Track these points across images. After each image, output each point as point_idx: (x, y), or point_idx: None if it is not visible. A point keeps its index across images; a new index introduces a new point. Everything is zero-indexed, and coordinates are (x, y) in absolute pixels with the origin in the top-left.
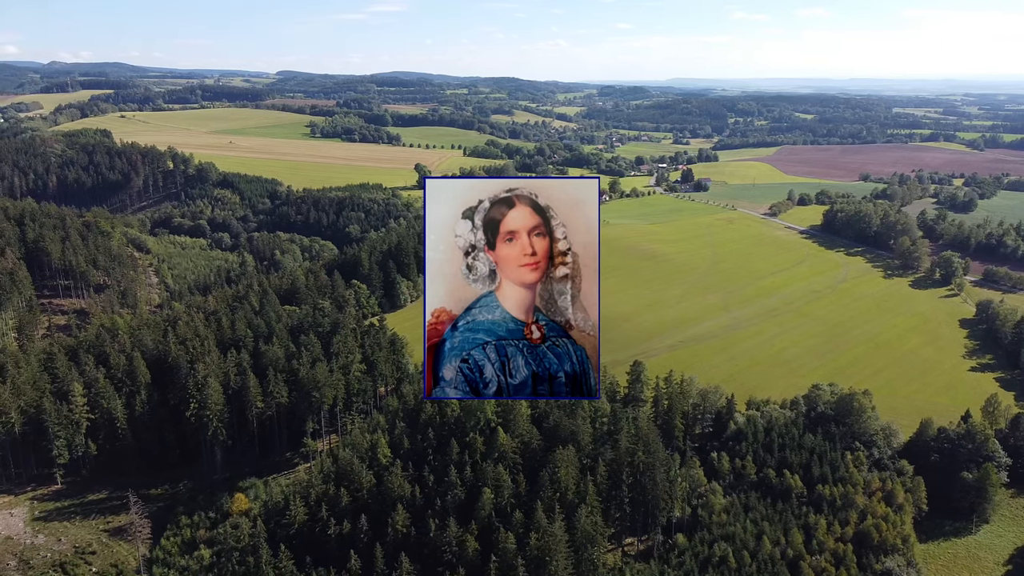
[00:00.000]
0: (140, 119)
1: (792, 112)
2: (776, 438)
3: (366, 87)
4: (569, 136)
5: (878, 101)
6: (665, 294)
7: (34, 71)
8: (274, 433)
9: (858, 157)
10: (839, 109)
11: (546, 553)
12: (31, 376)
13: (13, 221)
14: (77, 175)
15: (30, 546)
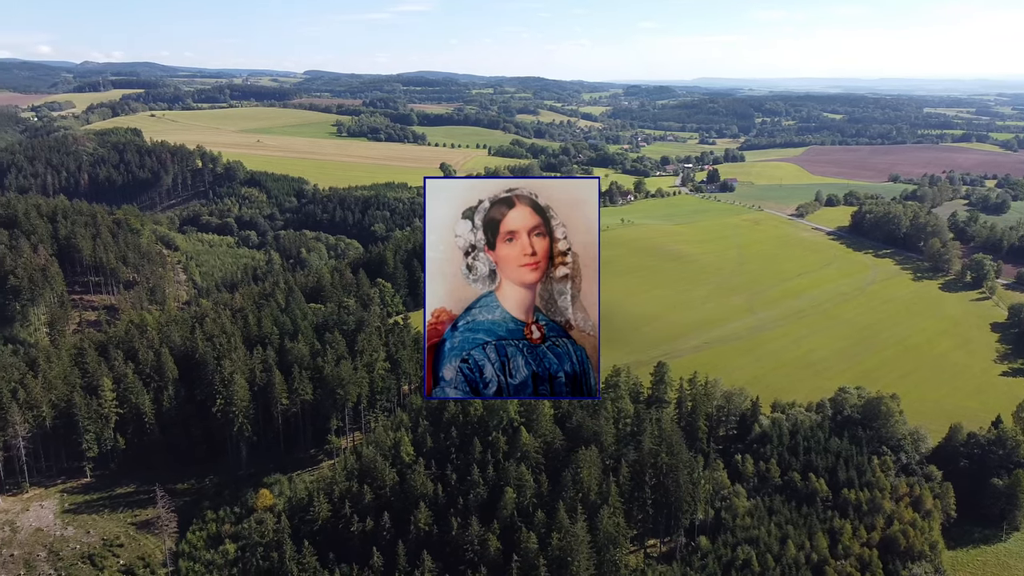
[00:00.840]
0: (170, 118)
1: (820, 112)
2: (801, 441)
3: (392, 87)
4: (594, 136)
5: (908, 101)
6: (690, 295)
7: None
8: (299, 430)
9: (888, 158)
10: (868, 109)
11: (568, 553)
12: (62, 371)
13: (46, 218)
14: (108, 173)
15: (60, 538)
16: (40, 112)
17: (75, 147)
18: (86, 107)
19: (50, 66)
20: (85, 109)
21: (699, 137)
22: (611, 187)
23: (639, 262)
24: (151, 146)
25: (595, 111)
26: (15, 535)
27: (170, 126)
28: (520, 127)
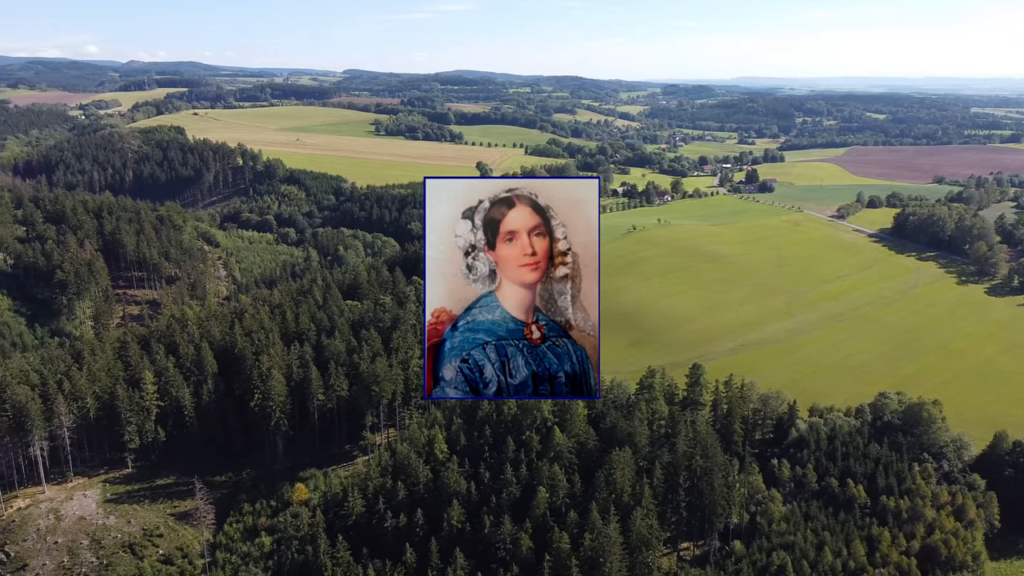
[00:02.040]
0: (212, 116)
1: (863, 112)
2: (839, 446)
3: (430, 85)
4: (631, 135)
5: (955, 100)
6: (727, 296)
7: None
8: (334, 425)
9: (932, 159)
10: (913, 109)
11: (600, 554)
12: (106, 363)
13: (92, 214)
14: (152, 170)
15: (102, 527)
16: (87, 110)
17: (120, 145)
18: (131, 105)
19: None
20: (130, 107)
21: (738, 137)
22: (648, 187)
23: (676, 263)
24: (194, 144)
25: (632, 110)
26: (59, 523)
27: (212, 124)
28: (557, 126)
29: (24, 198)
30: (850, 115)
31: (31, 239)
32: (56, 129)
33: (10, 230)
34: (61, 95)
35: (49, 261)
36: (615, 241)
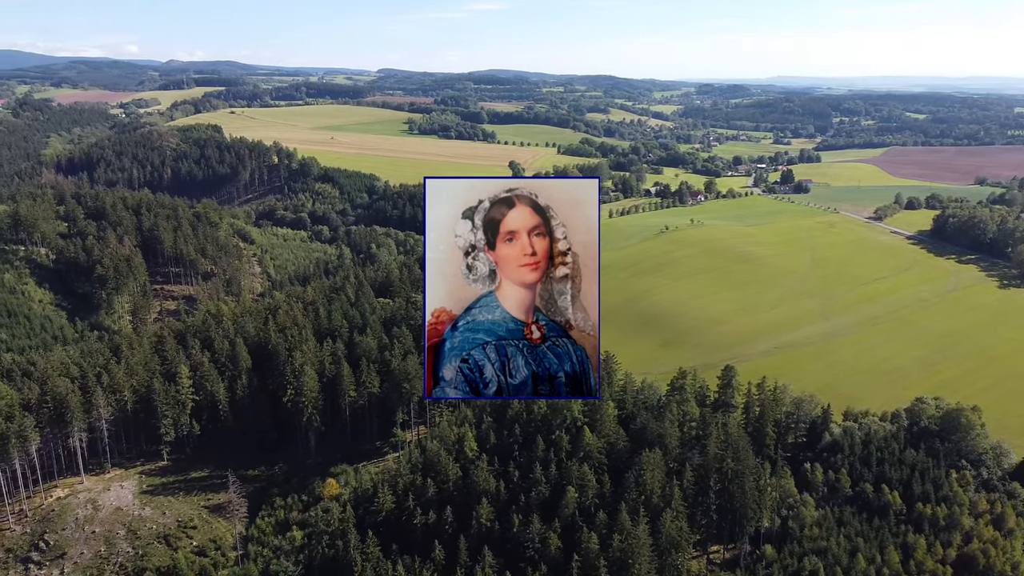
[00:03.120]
0: (248, 115)
1: (902, 112)
2: (874, 452)
3: (463, 85)
4: (665, 135)
5: (998, 100)
6: (760, 298)
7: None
8: (365, 422)
9: (974, 160)
10: (954, 108)
11: (629, 555)
12: (143, 357)
13: (131, 211)
14: (189, 168)
15: (137, 517)
16: (128, 109)
17: (159, 143)
18: (170, 104)
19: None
20: (169, 106)
21: (773, 137)
22: (681, 187)
23: (708, 263)
24: (230, 142)
25: (666, 110)
26: (97, 513)
27: (248, 123)
28: (590, 126)
29: (66, 194)
30: (889, 115)
31: (72, 235)
32: (97, 127)
33: (52, 226)
34: (103, 94)
35: (89, 256)
36: (647, 241)
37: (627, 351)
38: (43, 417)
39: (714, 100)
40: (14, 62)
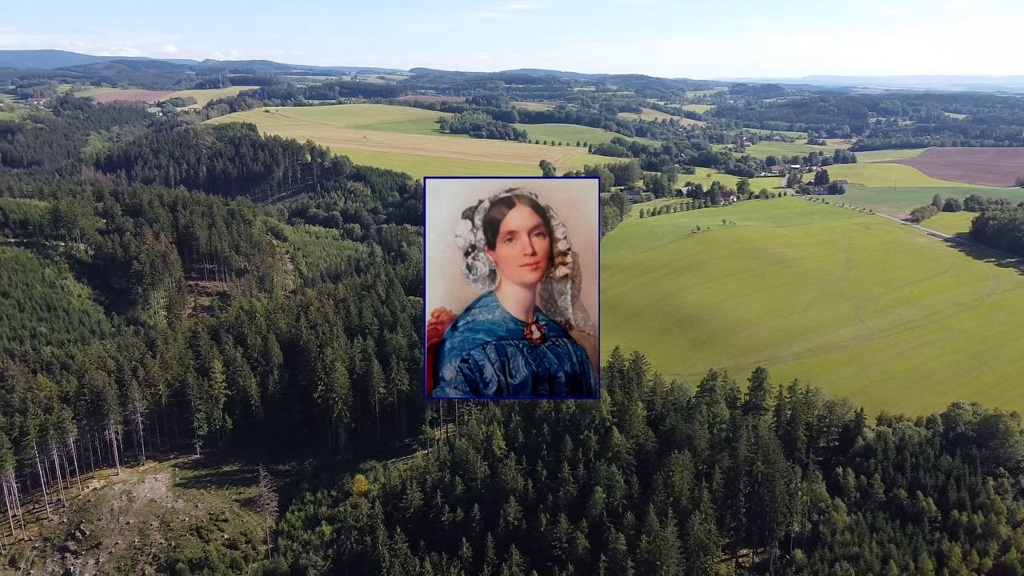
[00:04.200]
0: (282, 114)
1: (941, 112)
2: (909, 457)
3: (495, 84)
4: (697, 135)
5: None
6: (792, 300)
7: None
8: (394, 419)
9: (1016, 160)
10: (995, 108)
11: (657, 557)
12: (178, 352)
13: (167, 207)
14: (224, 166)
15: (171, 510)
16: (165, 107)
17: (195, 141)
18: (206, 103)
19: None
20: (205, 105)
21: (808, 137)
22: (713, 187)
23: (740, 264)
24: (264, 140)
25: (699, 109)
26: (131, 504)
27: (282, 121)
28: (621, 125)
29: (105, 192)
30: (927, 115)
31: (110, 231)
32: (136, 125)
33: (91, 222)
34: (141, 93)
35: (127, 252)
36: (678, 242)
37: (657, 352)
38: (80, 409)
39: (748, 100)
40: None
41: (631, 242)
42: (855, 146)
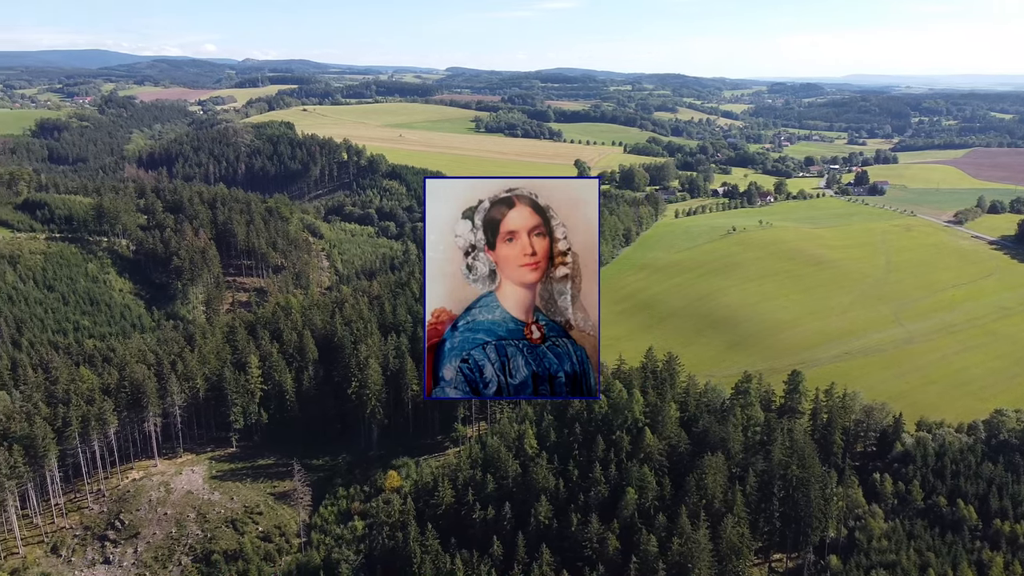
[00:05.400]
0: (320, 112)
1: (987, 111)
2: (949, 464)
3: (530, 83)
4: (734, 134)
5: None
6: (830, 302)
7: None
8: (427, 416)
9: None
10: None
11: (688, 560)
12: (215, 346)
13: (206, 204)
14: (262, 164)
15: (207, 501)
16: (205, 106)
17: (234, 139)
18: (246, 101)
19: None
20: (245, 103)
21: (848, 137)
22: (750, 187)
23: (776, 266)
24: (302, 139)
25: (736, 109)
26: (169, 495)
27: (319, 120)
28: (657, 124)
29: (146, 188)
30: (972, 115)
31: (151, 227)
32: (177, 124)
33: (133, 218)
34: (182, 91)
35: (167, 248)
36: (714, 242)
37: (691, 353)
38: (121, 401)
39: (786, 99)
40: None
41: (666, 242)
42: (897, 146)
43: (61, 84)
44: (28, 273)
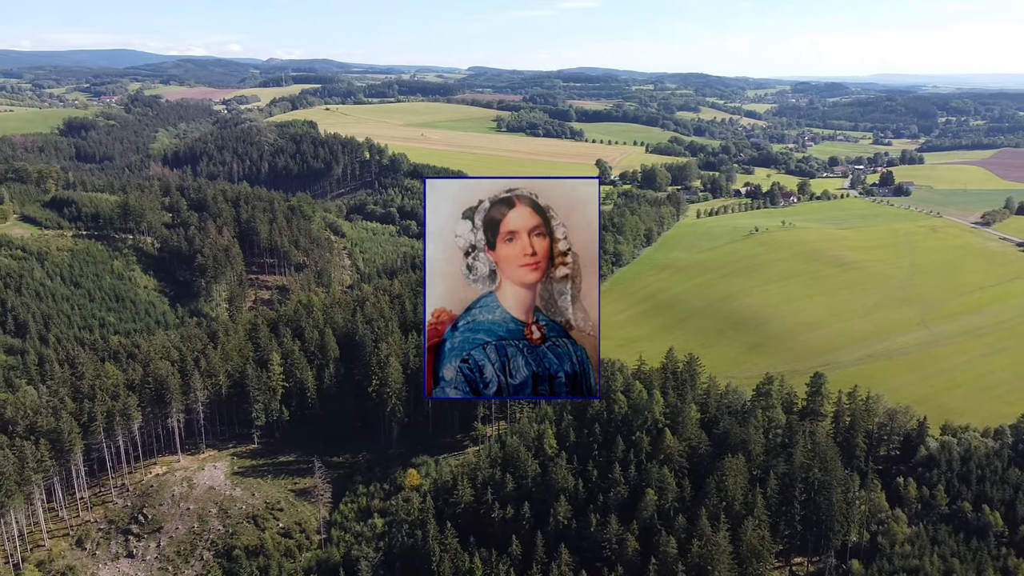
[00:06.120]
0: (342, 112)
1: (1016, 111)
2: (974, 469)
3: (552, 83)
4: (757, 134)
5: None
6: (853, 304)
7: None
8: (447, 415)
9: None
10: None
11: (708, 562)
12: (238, 344)
13: (230, 203)
14: (286, 162)
15: (229, 497)
16: (230, 105)
17: (258, 138)
18: (269, 100)
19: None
20: (268, 103)
21: (873, 137)
22: (773, 188)
23: (799, 267)
24: (324, 138)
25: (759, 108)
26: (191, 491)
27: (342, 119)
28: (679, 124)
29: (171, 186)
30: (1001, 114)
31: (176, 225)
32: (201, 123)
33: (158, 216)
34: (207, 91)
35: (191, 246)
36: (736, 243)
37: (712, 354)
38: (145, 397)
39: (810, 98)
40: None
41: (687, 243)
42: (923, 147)
43: (89, 83)
44: (55, 270)
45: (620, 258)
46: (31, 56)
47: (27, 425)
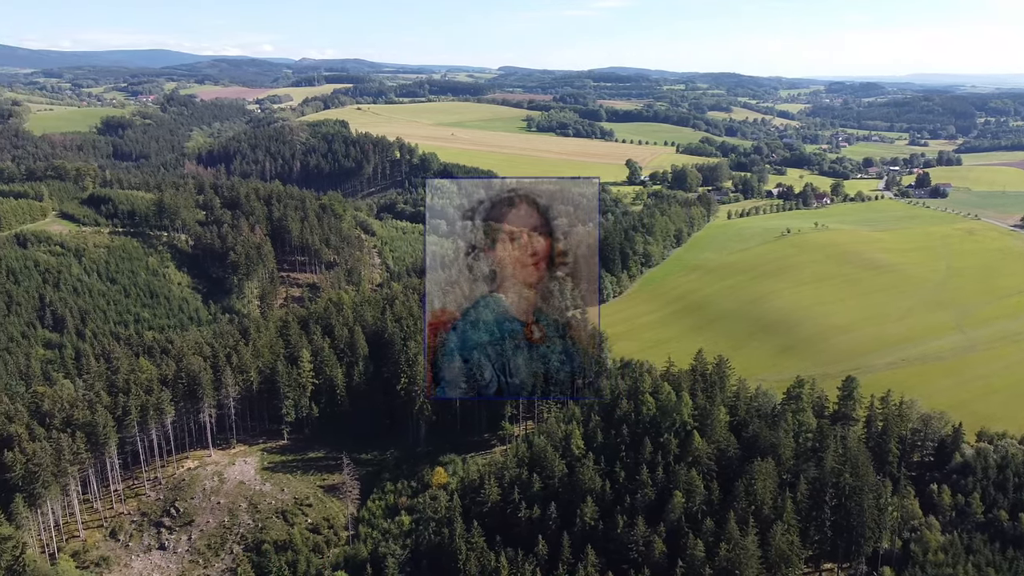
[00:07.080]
0: (373, 111)
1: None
2: (1012, 476)
3: (582, 82)
4: (790, 135)
5: None
6: (887, 307)
7: (287, 67)
8: (474, 414)
9: None
10: None
11: (736, 566)
12: (269, 341)
13: (262, 201)
14: (317, 161)
15: (258, 492)
16: (263, 104)
17: (290, 137)
18: (302, 100)
19: (273, 63)
20: (301, 102)
21: (909, 138)
22: (805, 189)
23: (832, 269)
24: (356, 137)
25: (792, 109)
26: (222, 485)
27: (373, 119)
28: (711, 124)
29: (205, 184)
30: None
31: (209, 222)
32: (235, 122)
33: (192, 214)
34: (240, 90)
35: (224, 243)
36: (767, 244)
37: (742, 356)
38: (178, 392)
39: (845, 98)
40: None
41: (718, 243)
42: (960, 148)
43: (126, 83)
44: (92, 266)
45: (650, 259)
46: (71, 56)
47: (64, 418)
